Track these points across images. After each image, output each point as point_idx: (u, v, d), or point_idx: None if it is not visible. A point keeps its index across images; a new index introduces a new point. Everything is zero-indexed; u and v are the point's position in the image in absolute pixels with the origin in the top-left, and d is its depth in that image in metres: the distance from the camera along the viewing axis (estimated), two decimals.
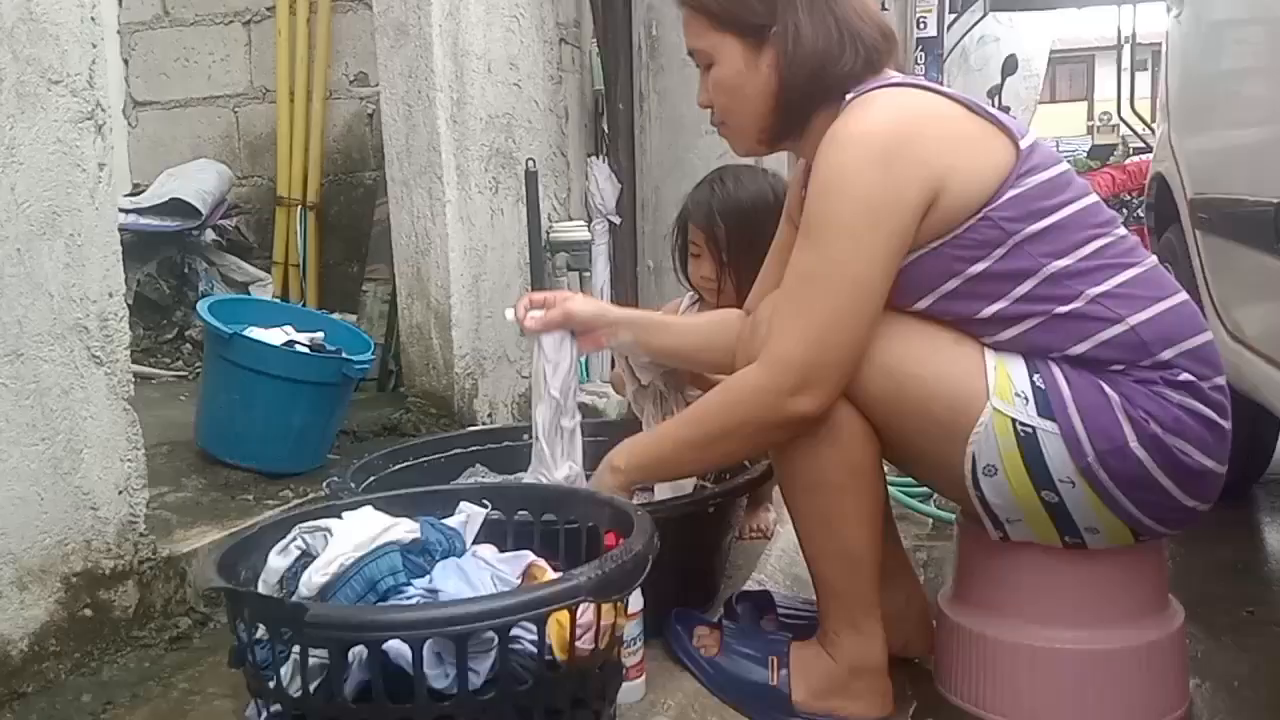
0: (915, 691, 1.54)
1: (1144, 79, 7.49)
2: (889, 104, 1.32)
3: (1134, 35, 7.77)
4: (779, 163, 3.00)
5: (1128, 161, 7.73)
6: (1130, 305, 1.29)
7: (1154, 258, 1.36)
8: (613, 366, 2.62)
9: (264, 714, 1.09)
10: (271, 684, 1.06)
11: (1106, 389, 1.28)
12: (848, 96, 1.35)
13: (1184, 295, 1.34)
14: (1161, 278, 1.35)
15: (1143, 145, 7.49)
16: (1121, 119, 7.93)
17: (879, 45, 1.38)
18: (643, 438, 1.52)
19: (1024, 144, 1.31)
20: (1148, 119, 7.12)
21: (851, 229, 1.27)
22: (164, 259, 3.32)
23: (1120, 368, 1.29)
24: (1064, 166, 1.34)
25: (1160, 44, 3.10)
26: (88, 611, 1.52)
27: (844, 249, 1.28)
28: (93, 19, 1.53)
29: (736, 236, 1.96)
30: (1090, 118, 14.61)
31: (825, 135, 1.32)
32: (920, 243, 1.30)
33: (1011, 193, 1.29)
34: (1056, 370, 1.30)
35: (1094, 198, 1.35)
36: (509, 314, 1.66)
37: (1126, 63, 7.85)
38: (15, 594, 1.42)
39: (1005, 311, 1.31)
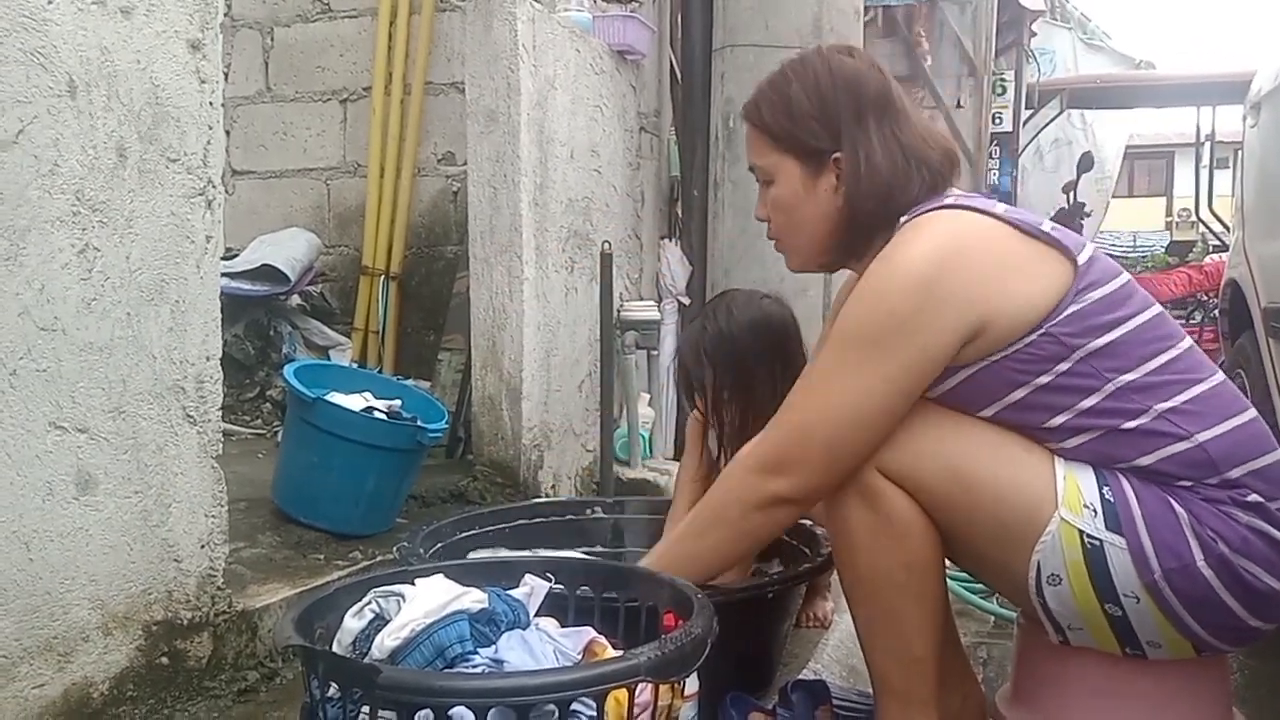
0: None
1: (1224, 177, 7.42)
2: (938, 229, 1.33)
3: (1213, 134, 7.73)
4: None
5: (1206, 261, 7.64)
6: (1199, 422, 1.28)
7: (1221, 373, 1.35)
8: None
9: None
10: None
11: (1175, 506, 1.27)
12: (902, 219, 1.37)
13: (1253, 413, 1.33)
14: (1230, 394, 1.33)
15: (1221, 244, 7.41)
16: (1199, 219, 7.85)
17: (943, 169, 1.41)
18: (648, 556, 1.53)
19: (1081, 259, 1.31)
20: (1226, 218, 7.05)
21: (871, 345, 1.30)
22: (251, 321, 3.46)
23: (1188, 484, 1.28)
24: (1124, 279, 1.34)
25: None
26: (164, 660, 1.59)
27: (855, 360, 1.31)
28: (210, 103, 1.65)
29: (726, 376, 1.92)
30: (1169, 213, 14.44)
31: (878, 256, 1.35)
32: (970, 360, 1.31)
33: (1072, 309, 1.29)
34: (1126, 484, 1.29)
35: (1157, 309, 1.34)
36: None
37: (1206, 161, 7.81)
38: (100, 639, 1.49)
39: (1071, 423, 1.31)
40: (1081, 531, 1.27)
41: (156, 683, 1.57)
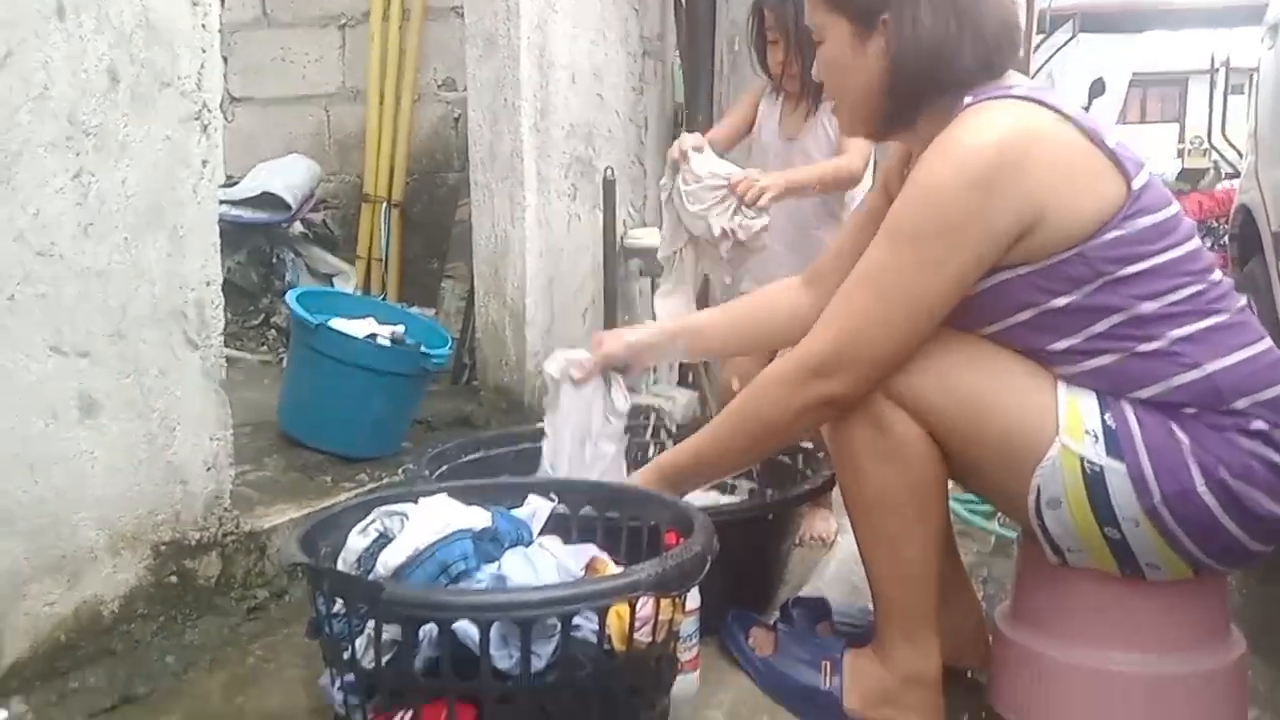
0: (966, 704, 1.55)
1: (1238, 103, 7.32)
2: (1003, 121, 1.27)
3: (1228, 60, 7.59)
4: None
5: (1218, 188, 7.56)
6: (1210, 352, 1.27)
7: (1243, 300, 1.33)
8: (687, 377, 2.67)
9: (338, 683, 1.15)
10: (346, 655, 1.12)
11: (1177, 431, 1.26)
12: (966, 100, 1.32)
13: (1268, 343, 1.31)
14: (1247, 324, 1.31)
15: (1234, 171, 7.33)
16: (1212, 145, 7.74)
17: (999, 42, 1.34)
18: (677, 448, 1.56)
19: (1136, 183, 1.27)
20: (1240, 145, 6.96)
21: (929, 244, 1.27)
22: (254, 248, 3.45)
23: (1193, 411, 1.27)
24: (1174, 209, 1.30)
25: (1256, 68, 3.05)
26: (173, 578, 1.61)
27: (914, 261, 1.28)
28: (204, 25, 1.62)
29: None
30: (1181, 140, 14.23)
31: (936, 139, 1.29)
32: (1003, 265, 1.29)
33: (1114, 234, 1.25)
34: (1128, 409, 1.28)
35: (1197, 243, 1.31)
36: (551, 367, 1.71)
37: (1220, 88, 7.69)
38: (109, 559, 1.51)
39: (1078, 347, 1.30)
40: (1082, 457, 1.27)
41: (167, 600, 1.60)
